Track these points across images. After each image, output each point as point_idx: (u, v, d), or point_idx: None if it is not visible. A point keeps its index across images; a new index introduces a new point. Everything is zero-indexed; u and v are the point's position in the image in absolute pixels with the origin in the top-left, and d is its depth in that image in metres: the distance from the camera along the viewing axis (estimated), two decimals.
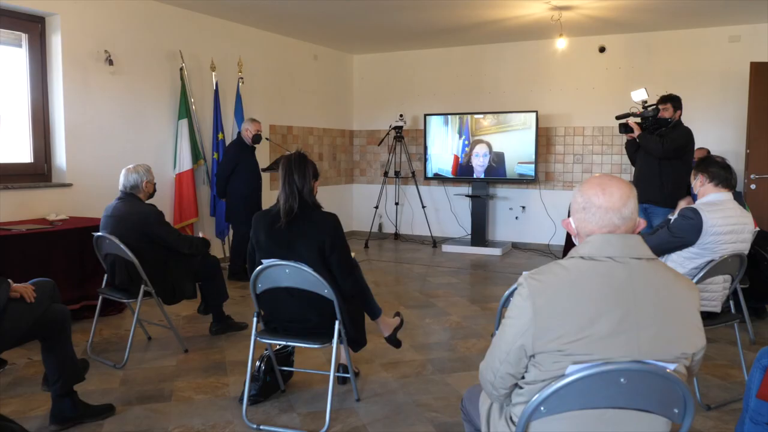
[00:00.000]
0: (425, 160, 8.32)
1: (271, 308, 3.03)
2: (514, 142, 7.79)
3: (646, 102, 5.25)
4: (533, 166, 7.67)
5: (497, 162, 7.89)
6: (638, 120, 5.29)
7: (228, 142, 6.48)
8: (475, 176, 8.03)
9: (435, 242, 8.31)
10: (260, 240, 2.95)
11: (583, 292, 1.60)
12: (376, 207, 8.56)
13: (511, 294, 1.90)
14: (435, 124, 8.25)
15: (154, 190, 4.09)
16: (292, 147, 7.89)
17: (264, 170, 6.50)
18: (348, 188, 9.30)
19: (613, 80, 7.55)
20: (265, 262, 2.90)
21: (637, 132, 5.24)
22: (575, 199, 1.73)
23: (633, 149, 5.40)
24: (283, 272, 2.88)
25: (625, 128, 5.35)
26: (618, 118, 5.41)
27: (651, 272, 1.63)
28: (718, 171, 3.33)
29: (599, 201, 1.66)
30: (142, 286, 3.80)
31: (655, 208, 5.03)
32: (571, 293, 1.60)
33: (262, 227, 2.96)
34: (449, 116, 8.16)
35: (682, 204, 3.63)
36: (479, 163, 7.96)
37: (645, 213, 5.25)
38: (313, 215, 2.93)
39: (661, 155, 5.10)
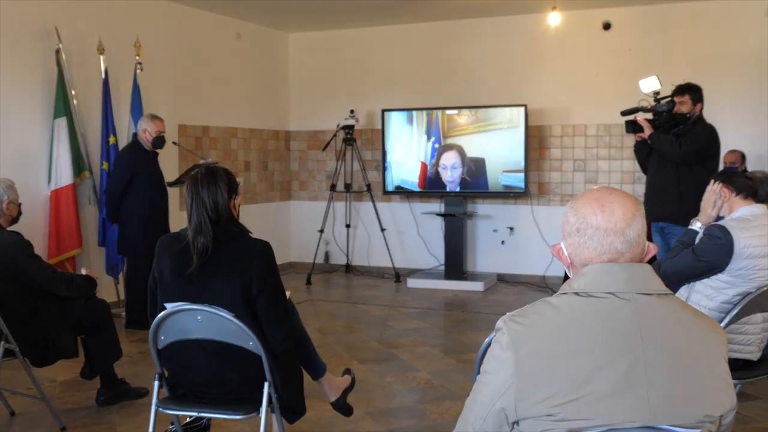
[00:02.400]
0: (384, 169, 8.38)
1: (178, 368, 2.97)
2: (498, 146, 7.92)
3: (658, 93, 5.41)
4: (522, 175, 7.79)
5: (476, 171, 7.99)
6: (649, 116, 5.44)
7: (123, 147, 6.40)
8: (448, 189, 8.12)
9: (398, 276, 8.34)
10: (164, 276, 2.91)
11: (578, 338, 1.61)
12: (321, 231, 8.56)
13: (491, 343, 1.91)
14: (396, 122, 8.32)
15: (19, 213, 4.01)
16: (208, 154, 7.84)
17: (171, 185, 6.43)
18: (284, 207, 9.27)
19: (622, 65, 7.76)
20: (170, 306, 2.85)
21: (648, 131, 5.38)
22: (567, 219, 1.74)
23: (644, 153, 5.54)
24: (194, 319, 2.84)
25: (633, 127, 5.49)
26: (624, 114, 5.56)
27: (664, 311, 1.64)
28: (744, 181, 3.43)
29: (597, 221, 1.68)
30: (2, 342, 3.69)
31: (674, 228, 5.16)
32: (563, 340, 1.61)
33: (167, 258, 2.92)
34: (414, 112, 8.25)
35: (708, 207, 3.65)
36: (448, 177, 8.05)
37: (661, 234, 5.37)
38: (235, 243, 2.90)
39: (678, 160, 5.25)
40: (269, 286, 2.89)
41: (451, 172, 8.04)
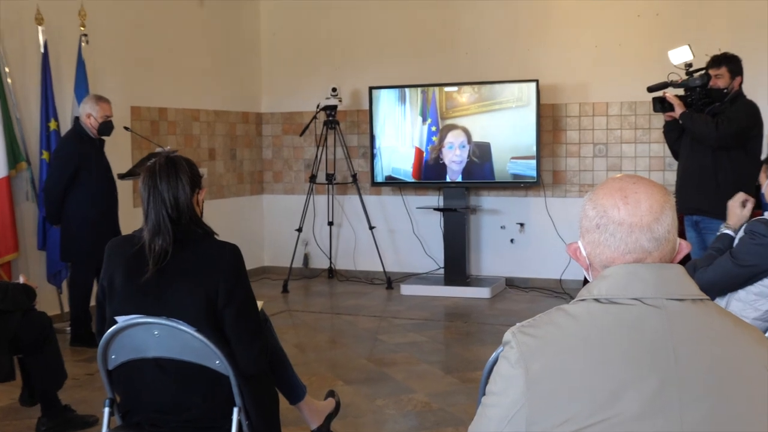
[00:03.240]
0: (372, 156, 8.38)
1: (132, 392, 2.97)
2: (506, 128, 7.92)
3: (690, 65, 5.43)
4: (534, 162, 7.81)
5: (480, 157, 8.00)
6: (680, 92, 5.45)
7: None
8: (448, 179, 8.13)
9: (390, 281, 8.35)
10: (115, 284, 2.90)
11: (599, 352, 1.61)
12: (299, 230, 8.55)
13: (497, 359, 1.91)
14: (386, 101, 8.32)
15: None
16: (166, 141, 7.82)
17: (123, 177, 6.41)
18: (255, 202, 9.26)
19: (649, 32, 7.78)
20: (122, 319, 2.84)
21: (678, 110, 5.40)
22: (585, 213, 1.75)
23: (674, 135, 5.56)
24: (150, 335, 2.84)
25: (661, 105, 5.50)
26: (651, 90, 5.57)
27: (700, 319, 1.65)
28: None
29: (620, 215, 1.69)
30: None
31: (710, 222, 5.17)
32: (581, 354, 1.61)
33: (118, 264, 2.91)
34: (407, 90, 8.25)
35: (736, 207, 3.67)
36: (454, 158, 8.08)
37: (695, 229, 5.40)
38: (198, 246, 2.90)
39: (714, 143, 5.26)
40: (238, 296, 2.88)
41: (459, 152, 8.07)
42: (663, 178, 7.65)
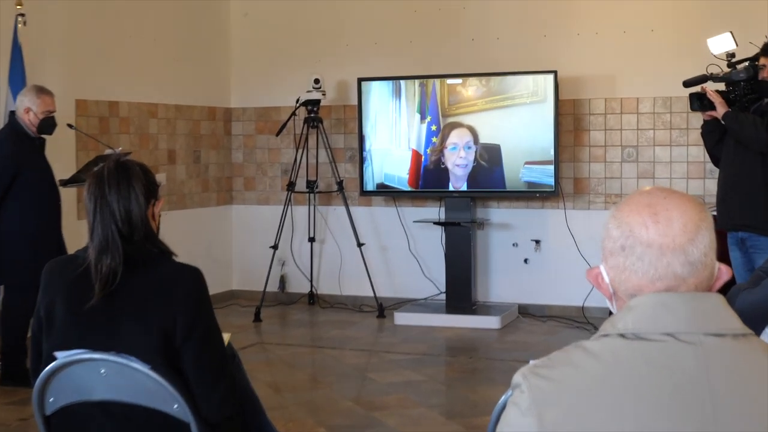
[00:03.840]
0: (361, 160, 8.38)
1: None
2: (519, 127, 7.95)
3: (733, 56, 5.45)
4: (552, 168, 7.83)
5: (489, 162, 8.02)
6: (722, 87, 5.47)
7: None
8: (451, 187, 8.14)
9: (382, 308, 8.35)
10: (55, 313, 2.90)
11: (624, 397, 1.61)
12: (275, 247, 8.54)
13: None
14: (378, 96, 8.33)
15: None
16: (117, 141, 7.81)
17: (66, 184, 6.40)
18: (222, 214, 9.25)
19: (687, 16, 7.81)
20: (62, 355, 2.84)
21: (720, 109, 5.41)
22: (608, 233, 1.75)
23: (714, 137, 5.57)
24: (96, 374, 2.83)
25: (700, 101, 5.52)
26: (687, 84, 5.59)
27: (742, 358, 1.65)
28: None
29: (648, 235, 1.69)
30: None
31: (758, 239, 5.19)
32: (604, 400, 1.60)
33: (58, 289, 2.91)
34: (402, 82, 8.27)
35: None
36: (458, 161, 8.09)
37: (741, 247, 5.40)
38: (153, 269, 2.89)
39: (765, 148, 5.27)
40: (200, 328, 2.88)
41: (465, 154, 8.08)
42: (703, 187, 7.68)
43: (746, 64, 5.40)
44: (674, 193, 1.74)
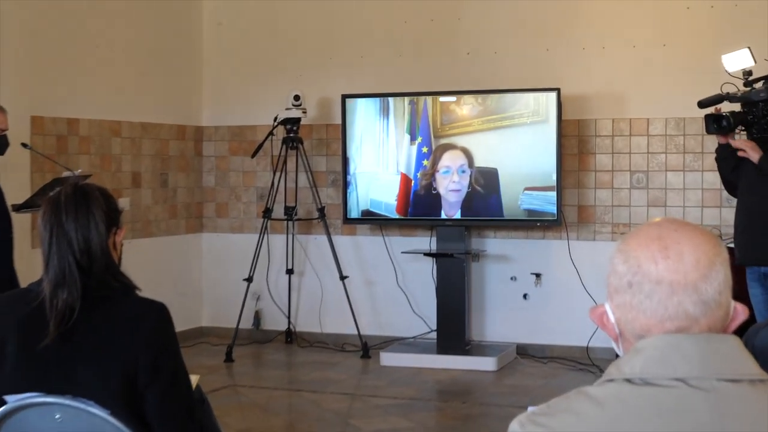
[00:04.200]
0: (345, 185, 8.39)
1: None
2: (518, 150, 7.97)
3: (750, 74, 5.48)
4: (554, 195, 7.85)
5: (485, 187, 8.03)
6: (737, 107, 5.49)
7: None
8: (443, 215, 8.15)
9: (367, 348, 8.33)
10: (5, 353, 2.88)
11: None
12: (249, 279, 8.52)
13: None
14: (363, 114, 8.35)
15: None
16: (76, 162, 7.80)
17: (19, 210, 6.38)
18: (192, 242, 9.23)
19: (702, 29, 7.85)
20: (13, 399, 2.82)
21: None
22: (614, 269, 1.75)
23: (731, 163, 5.59)
24: (51, 420, 2.81)
25: (716, 124, 5.54)
26: (702, 105, 5.61)
27: (759, 407, 1.64)
28: None
29: (658, 271, 1.69)
30: None
31: None
32: None
33: (9, 326, 2.90)
34: (390, 100, 8.29)
35: None
36: (452, 186, 8.10)
37: (762, 283, 5.40)
38: (115, 305, 2.88)
39: None
40: (165, 370, 2.87)
41: (458, 178, 8.08)
42: (720, 216, 7.69)
43: (765, 83, 5.44)
44: (686, 225, 1.75)
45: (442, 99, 8.16)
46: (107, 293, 2.90)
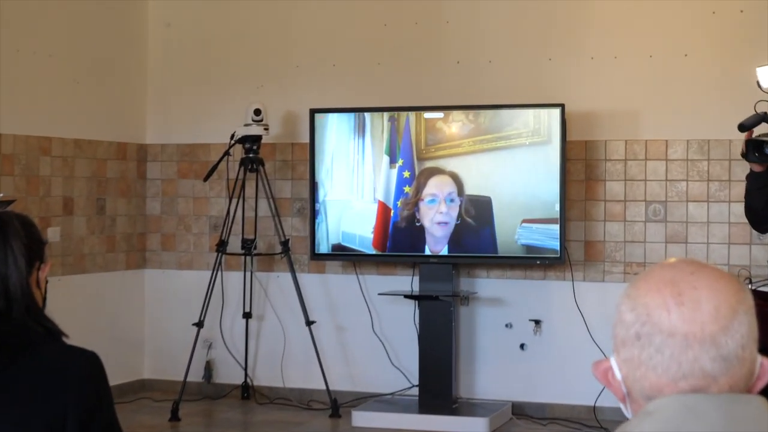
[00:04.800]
0: (313, 214, 8.38)
1: None
2: (515, 175, 7.98)
3: None
4: (557, 228, 7.85)
5: (477, 219, 8.04)
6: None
7: None
8: (428, 251, 8.15)
9: (337, 406, 8.29)
10: None
11: None
12: (200, 324, 8.48)
13: None
14: (335, 132, 8.35)
15: None
16: None
17: None
18: (133, 280, 9.19)
19: (731, 38, 7.89)
20: None
21: None
22: (621, 317, 1.76)
23: (764, 195, 5.60)
24: None
25: (757, 151, 5.55)
26: (745, 128, 5.62)
27: None
28: None
29: (671, 321, 1.68)
30: None
31: None
32: None
33: None
34: (367, 115, 8.30)
35: None
36: (438, 218, 8.09)
37: None
38: (38, 353, 2.87)
39: None
40: (96, 429, 2.86)
41: (446, 209, 8.09)
42: (749, 255, 7.71)
43: None
44: (704, 268, 1.74)
45: (427, 115, 8.18)
46: (29, 339, 2.88)
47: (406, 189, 8.18)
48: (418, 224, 8.17)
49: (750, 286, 7.26)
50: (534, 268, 8.26)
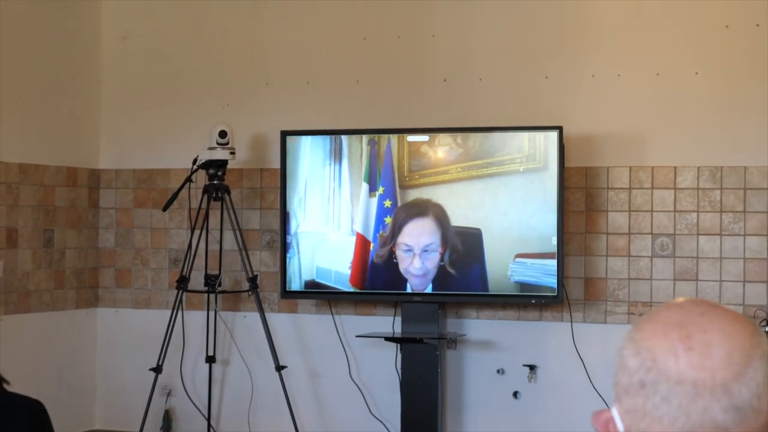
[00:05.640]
0: (285, 248, 8.38)
1: None
2: (508, 206, 7.98)
3: None
4: (554, 264, 7.86)
5: (464, 256, 8.04)
6: None
7: None
8: (410, 289, 8.15)
9: None
10: None
11: None
12: (158, 370, 8.46)
13: None
14: (309, 156, 8.37)
15: None
16: None
17: None
18: (84, 320, 9.17)
19: (745, 53, 7.91)
20: None
21: None
22: (624, 362, 1.73)
23: None
24: None
25: None
26: None
27: None
28: None
29: (678, 367, 1.66)
30: None
31: None
32: None
33: None
34: (344, 138, 8.32)
35: None
36: (414, 270, 8.07)
37: None
38: None
39: None
40: None
41: (420, 261, 8.06)
42: (767, 294, 7.71)
43: None
44: (716, 308, 1.73)
45: (411, 138, 8.19)
46: None
47: (387, 220, 8.16)
48: (396, 261, 8.16)
49: (766, 329, 7.30)
50: (528, 308, 8.25)
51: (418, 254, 8.06)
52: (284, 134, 8.38)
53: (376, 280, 8.25)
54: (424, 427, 8.04)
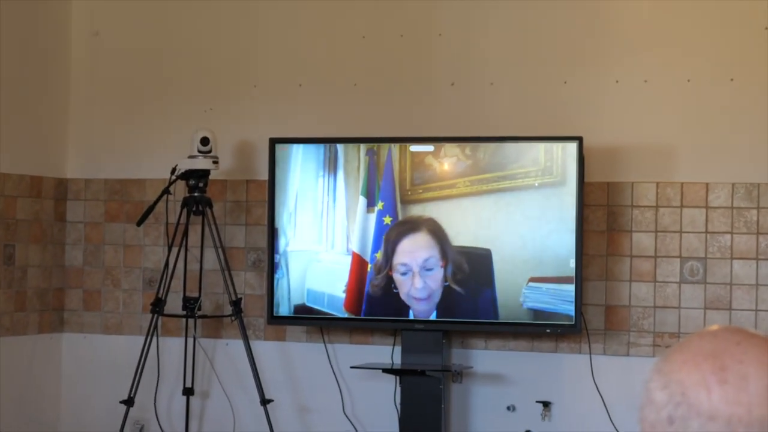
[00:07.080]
0: (272, 268, 8.39)
1: None
2: (521, 224, 8.00)
3: None
4: (572, 289, 7.87)
5: (473, 277, 8.06)
6: None
7: None
8: (412, 315, 8.16)
9: None
10: None
11: None
12: (129, 402, 8.45)
13: None
14: (300, 167, 8.38)
15: None
16: None
17: None
18: (48, 346, 9.16)
19: None
20: None
21: None
22: (651, 396, 1.77)
23: None
24: None
25: None
26: None
27: None
28: None
29: (711, 401, 1.69)
30: None
31: None
32: None
33: None
34: (340, 147, 8.33)
35: None
36: (415, 293, 8.05)
37: None
38: None
39: None
40: None
41: (421, 280, 8.07)
42: None
43: None
44: (753, 338, 1.76)
45: (414, 148, 8.21)
46: None
47: (387, 238, 8.17)
48: (396, 291, 8.17)
49: None
50: (543, 338, 8.27)
51: (418, 272, 8.05)
52: (273, 142, 8.39)
53: (374, 305, 8.24)
54: None
